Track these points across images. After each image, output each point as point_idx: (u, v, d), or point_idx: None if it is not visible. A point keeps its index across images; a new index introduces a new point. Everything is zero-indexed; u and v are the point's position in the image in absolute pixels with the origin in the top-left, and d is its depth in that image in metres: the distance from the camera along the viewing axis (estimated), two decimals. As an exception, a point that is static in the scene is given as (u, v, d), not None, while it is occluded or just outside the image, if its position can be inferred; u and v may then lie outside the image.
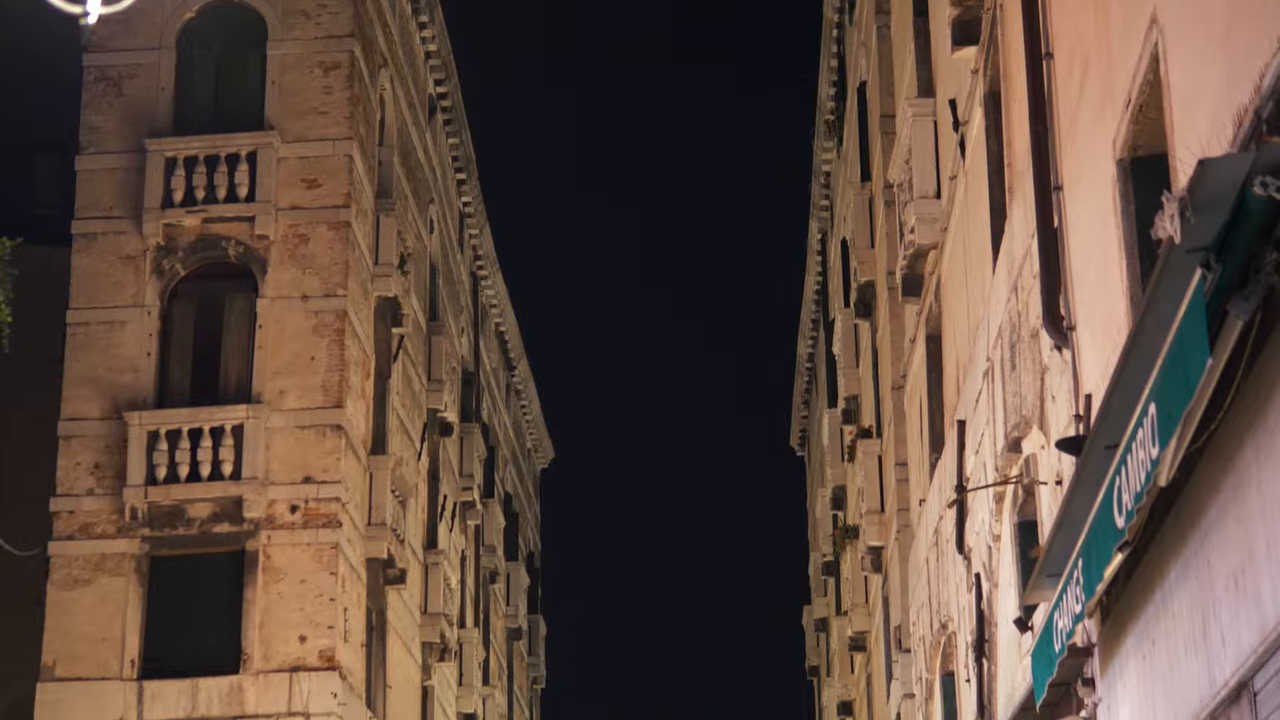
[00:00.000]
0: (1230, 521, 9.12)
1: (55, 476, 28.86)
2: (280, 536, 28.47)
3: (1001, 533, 16.92)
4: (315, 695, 27.70)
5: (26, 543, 28.67)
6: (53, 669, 28.06)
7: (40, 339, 30.61)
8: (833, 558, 41.70)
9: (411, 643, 34.59)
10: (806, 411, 54.67)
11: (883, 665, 30.71)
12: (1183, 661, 10.12)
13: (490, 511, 45.89)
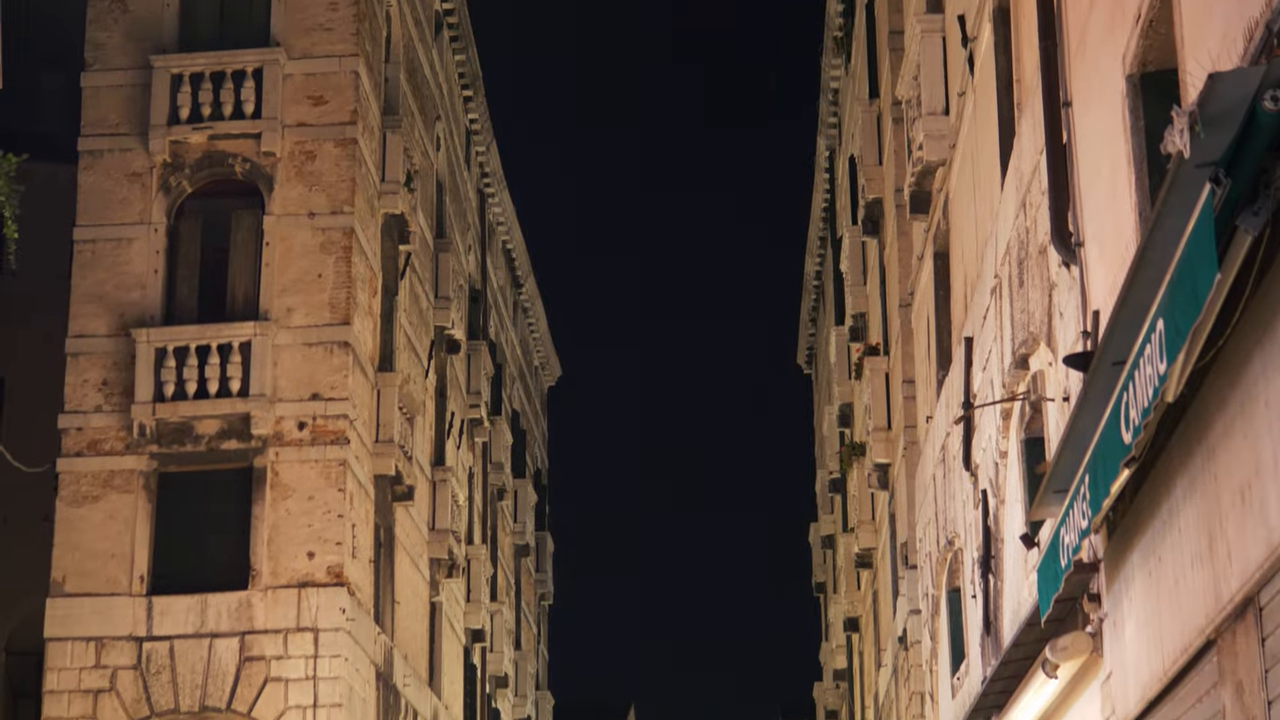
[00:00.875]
0: (1237, 437, 9.13)
1: (63, 393, 28.91)
2: (288, 453, 28.53)
3: (1008, 449, 16.94)
4: (323, 611, 27.84)
5: (35, 459, 28.76)
6: (62, 584, 28.20)
7: (47, 256, 30.63)
8: (839, 475, 41.78)
9: (419, 559, 34.73)
10: (814, 329, 54.67)
11: (889, 582, 30.82)
12: (1189, 577, 10.14)
13: (498, 429, 45.97)
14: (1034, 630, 14.07)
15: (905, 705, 27.40)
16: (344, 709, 27.59)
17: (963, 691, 20.54)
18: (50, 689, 27.83)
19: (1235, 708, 9.37)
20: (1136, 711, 11.51)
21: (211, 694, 27.66)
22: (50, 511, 28.72)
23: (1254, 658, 9.03)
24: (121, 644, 27.88)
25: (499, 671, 44.93)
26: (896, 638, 28.64)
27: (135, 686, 27.72)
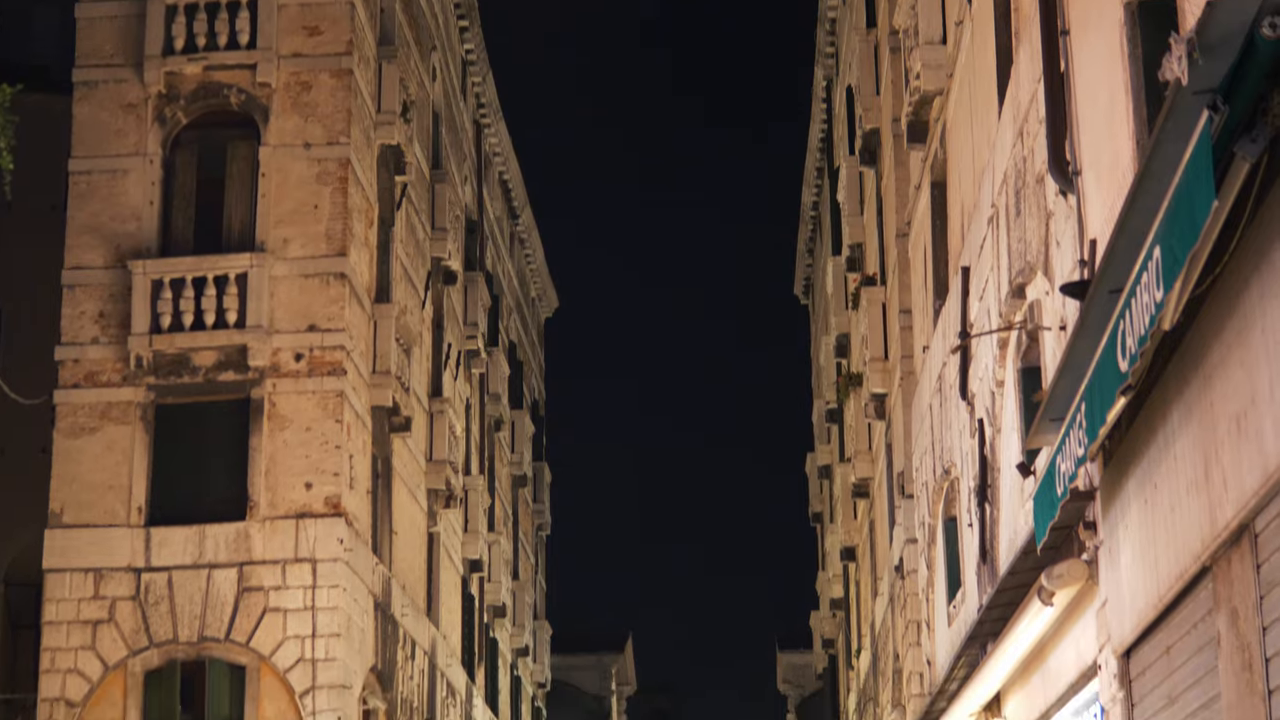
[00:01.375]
0: (1234, 364, 9.14)
1: (60, 325, 28.91)
2: (285, 384, 28.55)
3: (1005, 378, 16.96)
4: (321, 541, 27.91)
5: (32, 391, 28.77)
6: (60, 516, 28.27)
7: (42, 187, 30.56)
8: (836, 405, 41.84)
9: (417, 490, 34.80)
10: (811, 260, 54.63)
11: (885, 511, 30.90)
12: (1184, 504, 10.18)
13: (495, 360, 45.98)
14: (1030, 558, 14.12)
15: (901, 633, 27.52)
16: (342, 639, 27.70)
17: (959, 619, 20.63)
18: (49, 620, 27.93)
19: (1230, 634, 9.41)
20: (1132, 638, 11.56)
21: (210, 624, 27.77)
22: (48, 443, 28.76)
23: (1249, 584, 9.07)
24: (120, 575, 27.97)
25: (497, 601, 45.09)
26: (893, 567, 28.73)
27: (134, 617, 27.82)
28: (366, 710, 29.84)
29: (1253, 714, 9.04)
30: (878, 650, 33.21)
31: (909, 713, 26.16)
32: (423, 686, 34.18)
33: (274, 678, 27.62)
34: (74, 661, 27.68)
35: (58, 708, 27.52)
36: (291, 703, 27.48)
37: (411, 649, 33.12)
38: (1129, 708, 11.77)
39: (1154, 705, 11.17)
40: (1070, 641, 14.20)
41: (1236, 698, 9.33)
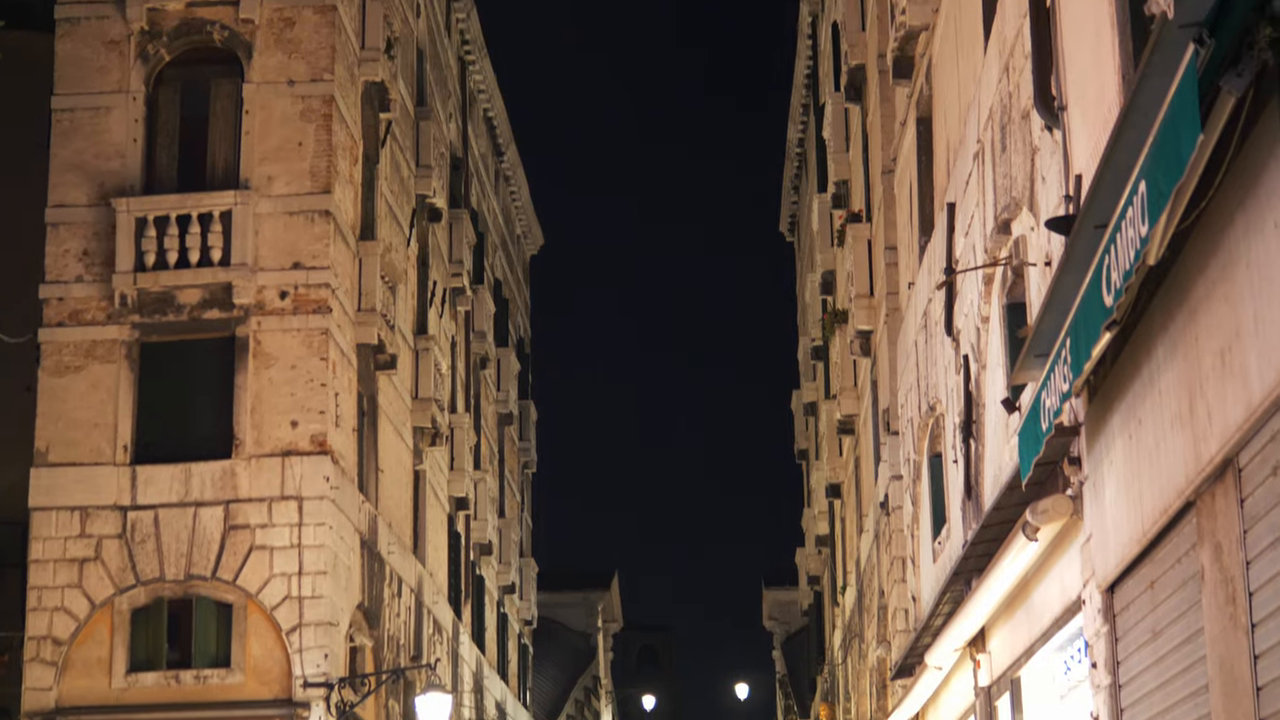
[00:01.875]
0: (1218, 299, 9.14)
1: (44, 263, 28.83)
2: (270, 322, 28.52)
3: (990, 314, 16.96)
4: (307, 479, 27.93)
5: (17, 329, 28.71)
6: (46, 454, 28.25)
7: (25, 125, 30.42)
8: (822, 342, 41.87)
9: (403, 427, 34.81)
10: (796, 197, 54.56)
11: (871, 448, 30.96)
12: (1169, 439, 10.19)
13: (480, 298, 45.92)
14: (1014, 494, 14.15)
15: (887, 570, 27.61)
16: (329, 576, 27.75)
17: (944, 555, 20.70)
18: (35, 558, 27.96)
19: (1214, 568, 9.44)
20: (1116, 573, 11.60)
21: (196, 562, 27.81)
22: (32, 382, 28.73)
23: (1233, 518, 9.09)
24: (106, 513, 27.99)
25: (483, 539, 45.17)
26: (878, 503, 28.80)
27: (120, 555, 27.85)
28: (353, 647, 29.93)
29: (1236, 647, 9.08)
30: (863, 586, 33.32)
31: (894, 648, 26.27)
32: (409, 624, 34.27)
33: (261, 615, 27.68)
34: (61, 600, 27.73)
35: (45, 645, 27.58)
36: (278, 640, 27.55)
37: (398, 586, 33.20)
38: (1113, 642, 11.82)
39: (1138, 639, 11.22)
40: (1054, 577, 14.24)
41: (1220, 631, 9.36)
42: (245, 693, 27.47)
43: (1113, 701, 11.78)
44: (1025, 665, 16.02)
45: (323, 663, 27.41)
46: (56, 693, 27.49)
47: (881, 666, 29.45)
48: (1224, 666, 9.31)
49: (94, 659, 27.69)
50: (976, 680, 18.27)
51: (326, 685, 27.32)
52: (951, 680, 20.77)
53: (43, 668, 27.53)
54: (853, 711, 36.87)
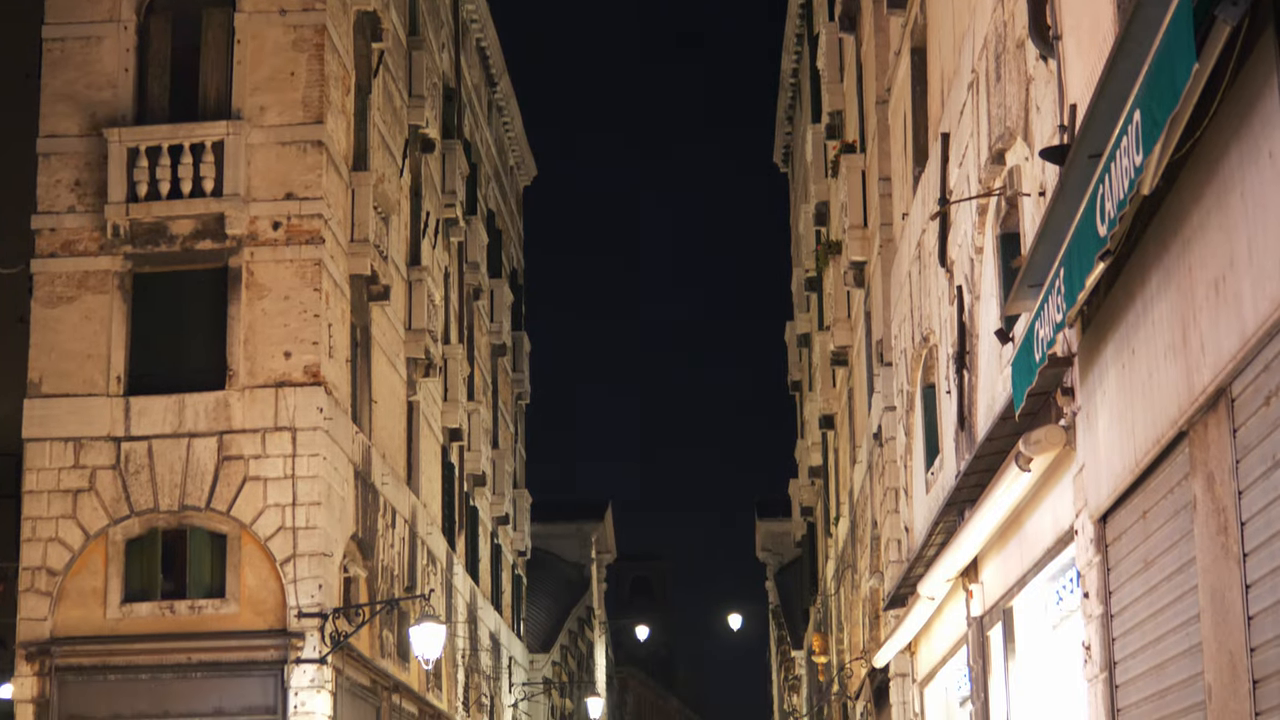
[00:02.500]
0: (1213, 228, 9.12)
1: (36, 194, 28.75)
2: (263, 253, 28.47)
3: (984, 245, 16.94)
4: (301, 410, 27.94)
5: (9, 260, 28.68)
6: (39, 385, 28.25)
7: (15, 54, 30.28)
8: (815, 273, 41.82)
9: (396, 359, 34.80)
10: (790, 127, 54.40)
11: (864, 379, 30.97)
12: (1162, 369, 10.19)
13: (473, 228, 45.86)
14: (1007, 424, 14.16)
15: (879, 500, 27.67)
16: (323, 507, 27.80)
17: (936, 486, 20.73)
18: (29, 489, 28.00)
19: (1206, 498, 9.46)
20: (1108, 503, 11.62)
21: (191, 493, 27.84)
22: (25, 313, 28.70)
23: (1225, 448, 9.10)
24: (100, 444, 28.00)
25: (476, 470, 45.25)
26: (871, 434, 28.83)
27: (114, 486, 27.88)
28: (347, 578, 30.01)
29: (1228, 577, 9.10)
30: (856, 517, 33.39)
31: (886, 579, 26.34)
32: (403, 554, 34.36)
33: (255, 546, 27.75)
34: (55, 530, 27.78)
35: (39, 576, 27.65)
36: (273, 570, 27.62)
37: (392, 517, 33.26)
38: (1104, 572, 11.85)
39: (1129, 569, 11.25)
40: (1047, 507, 14.27)
41: (1212, 561, 9.39)
42: (240, 623, 27.57)
43: (1104, 631, 11.82)
44: (1017, 596, 16.07)
45: (317, 593, 27.48)
46: (51, 623, 27.57)
47: (874, 597, 29.54)
48: (1215, 596, 9.34)
49: (88, 589, 27.76)
50: (969, 610, 18.32)
51: (321, 615, 27.40)
52: (944, 610, 20.84)
53: (37, 598, 27.60)
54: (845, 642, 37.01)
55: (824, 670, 44.14)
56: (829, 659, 42.74)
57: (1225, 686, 9.19)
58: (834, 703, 41.09)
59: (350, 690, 29.27)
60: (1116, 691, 11.61)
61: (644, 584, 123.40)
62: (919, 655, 24.26)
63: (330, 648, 27.40)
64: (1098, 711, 11.99)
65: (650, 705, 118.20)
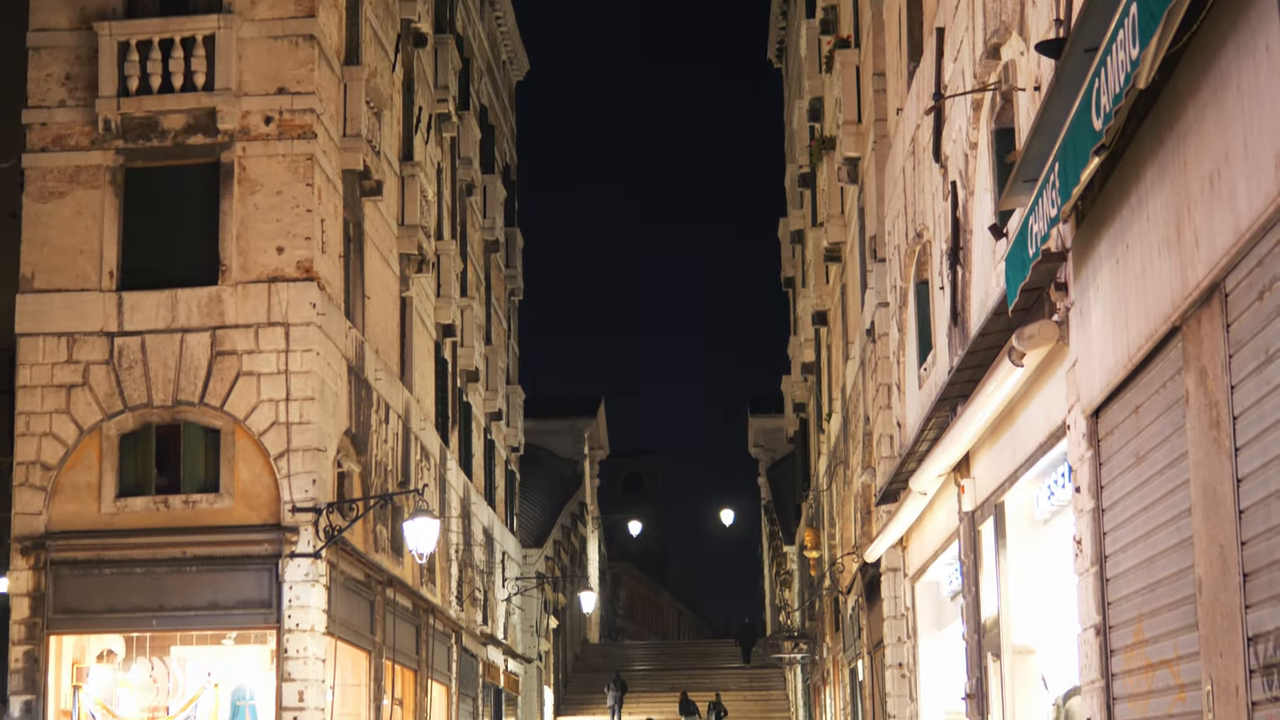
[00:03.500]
0: (1208, 124, 9.09)
1: (27, 88, 28.60)
2: (255, 148, 28.36)
3: (979, 140, 16.89)
4: (294, 305, 27.92)
5: (1, 155, 28.54)
6: (31, 280, 28.21)
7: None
8: (809, 169, 41.69)
9: (389, 254, 34.74)
10: (784, 23, 54.11)
11: (857, 275, 30.95)
12: (1156, 264, 10.19)
13: (466, 124, 45.66)
14: (1001, 320, 14.17)
15: (872, 397, 27.72)
16: (316, 402, 27.83)
17: (929, 382, 20.77)
18: (23, 384, 28.02)
19: (1198, 392, 9.48)
20: (1100, 398, 11.65)
21: (184, 388, 27.87)
22: (17, 208, 28.62)
23: (1218, 343, 9.11)
24: (93, 339, 28.00)
25: (470, 366, 45.29)
26: (864, 330, 28.85)
27: (108, 381, 27.90)
28: (341, 473, 30.09)
29: (1219, 471, 9.14)
30: (848, 413, 33.47)
31: (879, 474, 26.43)
32: (397, 450, 34.44)
33: (249, 441, 27.80)
34: (49, 425, 27.83)
35: (34, 471, 27.72)
36: (267, 465, 27.69)
37: (385, 413, 33.32)
38: (1096, 467, 11.89)
39: (1121, 464, 11.29)
40: (1039, 402, 14.30)
41: (1203, 455, 9.42)
42: (234, 517, 27.67)
43: (1095, 525, 11.87)
44: (1009, 491, 16.13)
45: (311, 488, 27.57)
46: (46, 517, 27.66)
47: (866, 492, 29.66)
48: (1207, 490, 9.37)
49: (83, 484, 27.84)
50: (961, 505, 18.40)
51: (315, 510, 27.50)
52: (936, 506, 20.93)
53: (32, 493, 27.68)
54: (837, 537, 37.18)
55: (815, 565, 44.39)
56: (821, 554, 42.97)
57: (1216, 580, 9.24)
58: (825, 597, 41.34)
59: (344, 584, 29.43)
60: (1107, 585, 11.68)
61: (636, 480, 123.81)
62: (910, 550, 24.38)
63: (324, 542, 27.51)
64: (1088, 605, 12.07)
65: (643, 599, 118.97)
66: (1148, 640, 10.72)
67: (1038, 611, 16.18)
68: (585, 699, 67.20)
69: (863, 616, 31.00)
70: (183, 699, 28.23)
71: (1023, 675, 16.42)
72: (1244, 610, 8.82)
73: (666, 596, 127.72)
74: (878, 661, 28.87)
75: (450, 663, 40.72)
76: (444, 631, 39.67)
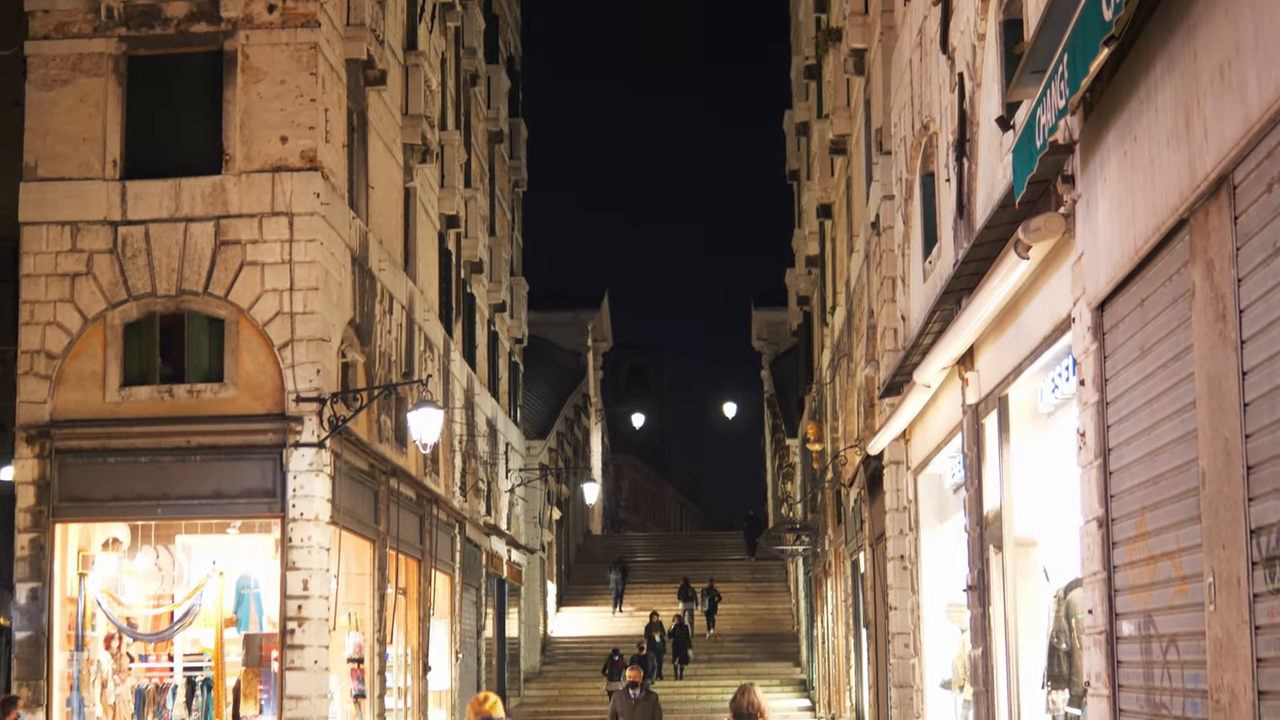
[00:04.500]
0: (1219, 14, 9.02)
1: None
2: (258, 36, 28.20)
3: (986, 31, 16.78)
4: (298, 195, 27.85)
5: (4, 43, 28.40)
6: (35, 169, 28.14)
7: None
8: (815, 61, 41.48)
9: (393, 144, 34.62)
10: (791, -88, 53.66)
11: (863, 168, 30.85)
12: (1164, 156, 10.14)
13: (470, 13, 45.38)
14: (1007, 212, 14.12)
15: (876, 290, 27.70)
16: (320, 292, 27.81)
17: (934, 275, 20.75)
18: (26, 273, 28.01)
19: (1205, 285, 9.45)
20: (1106, 291, 11.62)
21: (188, 278, 27.85)
22: (20, 96, 28.50)
23: (1226, 235, 9.08)
24: (96, 228, 27.96)
25: (473, 257, 45.25)
26: (869, 223, 28.79)
27: (112, 270, 27.88)
28: (345, 363, 30.13)
29: (1224, 364, 9.13)
30: (852, 307, 33.46)
31: (882, 367, 26.46)
32: (400, 340, 34.46)
33: (253, 331, 27.81)
34: (53, 314, 27.83)
35: (38, 359, 27.74)
36: (271, 355, 27.71)
37: (389, 303, 33.31)
38: (1101, 360, 11.88)
39: (1126, 357, 11.28)
40: (1045, 296, 14.28)
41: (1209, 348, 9.40)
42: (238, 407, 27.72)
43: (1099, 419, 11.88)
44: (1013, 384, 16.14)
45: (315, 378, 27.60)
46: (51, 406, 27.71)
47: (870, 385, 29.70)
48: (1212, 383, 9.37)
49: (87, 373, 27.87)
50: (964, 398, 18.42)
51: (319, 400, 27.54)
52: (939, 399, 20.96)
53: (36, 381, 27.72)
54: (840, 430, 37.26)
55: (818, 458, 44.52)
56: (823, 447, 43.09)
57: (1219, 472, 9.25)
58: (828, 490, 41.48)
59: (348, 474, 29.52)
60: (1110, 478, 11.70)
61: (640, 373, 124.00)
62: (913, 443, 24.44)
63: (328, 432, 27.58)
64: (1091, 497, 12.10)
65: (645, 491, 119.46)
66: (1150, 533, 10.75)
67: (1040, 504, 16.24)
68: (588, 590, 67.60)
69: (865, 509, 31.11)
70: (188, 587, 28.39)
71: (1024, 567, 16.50)
72: (1247, 503, 8.84)
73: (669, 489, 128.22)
74: (879, 554, 29.01)
75: (454, 553, 40.93)
76: (447, 522, 39.85)
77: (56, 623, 27.49)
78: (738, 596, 64.64)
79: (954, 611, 21.65)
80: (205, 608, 28.44)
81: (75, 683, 27.59)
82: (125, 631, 28.09)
